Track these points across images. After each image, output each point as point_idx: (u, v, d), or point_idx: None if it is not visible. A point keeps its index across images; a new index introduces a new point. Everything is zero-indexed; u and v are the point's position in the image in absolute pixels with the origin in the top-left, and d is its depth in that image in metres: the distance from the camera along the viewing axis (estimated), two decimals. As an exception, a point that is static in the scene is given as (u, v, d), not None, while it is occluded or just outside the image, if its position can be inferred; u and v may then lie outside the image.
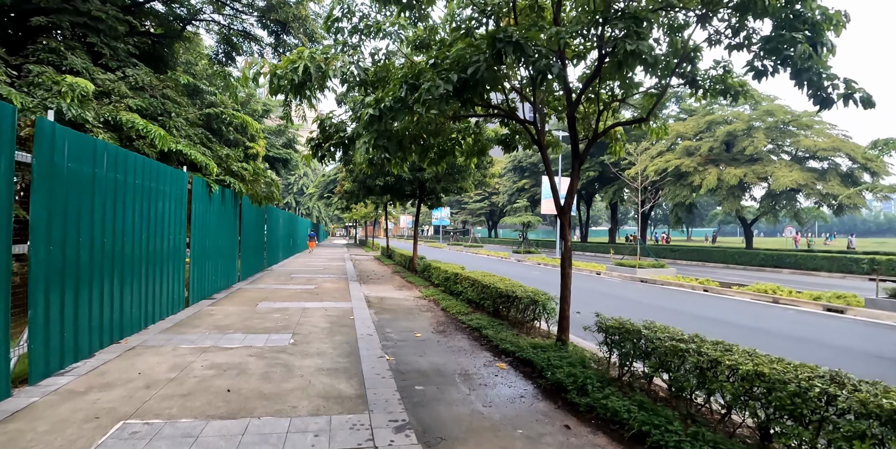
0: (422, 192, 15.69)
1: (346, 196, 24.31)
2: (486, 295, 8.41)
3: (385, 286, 12.65)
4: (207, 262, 9.33)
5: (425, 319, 8.17)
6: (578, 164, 5.86)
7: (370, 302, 9.73)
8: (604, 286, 15.13)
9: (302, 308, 8.48)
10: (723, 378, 3.52)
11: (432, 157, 7.14)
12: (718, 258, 26.04)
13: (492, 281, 8.53)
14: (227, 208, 10.77)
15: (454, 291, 10.33)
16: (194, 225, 8.56)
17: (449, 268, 11.47)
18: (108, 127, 8.43)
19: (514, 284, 8.07)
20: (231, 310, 8.12)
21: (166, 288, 7.25)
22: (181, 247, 7.84)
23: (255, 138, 20.87)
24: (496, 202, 54.27)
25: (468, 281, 9.52)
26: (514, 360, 5.60)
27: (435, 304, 9.78)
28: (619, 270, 18.38)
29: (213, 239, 9.64)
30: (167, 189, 7.22)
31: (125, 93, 8.98)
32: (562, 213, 5.87)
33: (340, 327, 6.97)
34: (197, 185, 8.64)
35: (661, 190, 29.40)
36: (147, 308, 6.57)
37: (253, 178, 11.47)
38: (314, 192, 44.27)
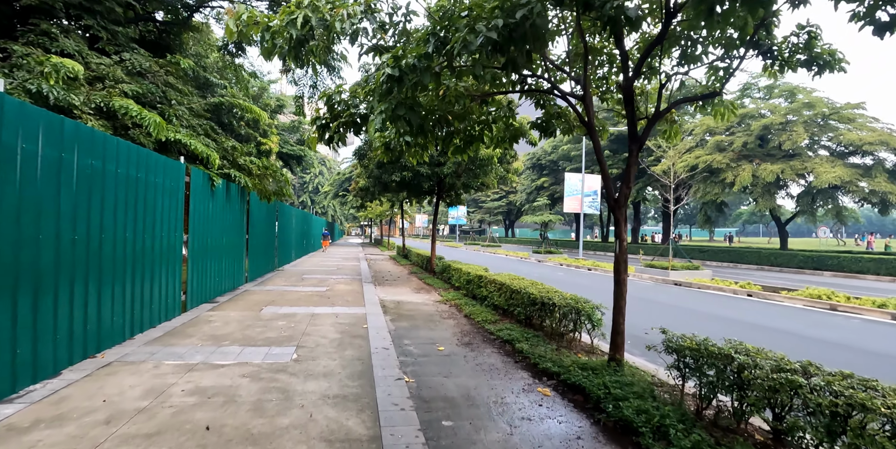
0: (440, 188, 14.79)
1: (361, 193, 23.58)
2: (517, 301, 7.46)
3: (401, 288, 11.78)
4: (209, 262, 8.55)
5: (448, 327, 7.25)
6: (637, 148, 4.89)
7: (386, 307, 8.85)
8: (636, 289, 14.04)
9: (311, 314, 7.63)
10: (875, 432, 2.53)
11: (457, 143, 6.23)
12: (751, 259, 24.64)
13: (522, 285, 7.58)
14: (233, 204, 9.99)
15: (478, 295, 9.39)
16: (194, 221, 7.77)
17: (471, 269, 10.53)
18: (100, 114, 7.69)
19: (549, 290, 7.11)
20: (232, 316, 7.31)
21: (158, 292, 6.45)
22: (177, 246, 7.04)
23: (268, 134, 20.23)
24: (513, 201, 53.15)
25: (494, 285, 8.57)
26: (559, 383, 4.65)
27: (457, 309, 8.86)
28: (650, 271, 17.24)
29: (215, 237, 8.86)
30: (159, 181, 6.41)
31: (121, 78, 8.24)
32: (615, 207, 4.90)
33: (352, 338, 6.09)
34: (196, 178, 7.85)
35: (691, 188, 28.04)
36: (133, 315, 5.76)
37: (261, 173, 10.69)
38: (329, 190, 43.75)
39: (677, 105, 4.98)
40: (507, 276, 8.96)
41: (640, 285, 15.28)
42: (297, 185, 61.07)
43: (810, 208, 23.40)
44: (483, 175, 13.66)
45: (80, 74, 7.22)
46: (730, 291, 13.75)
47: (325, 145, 4.71)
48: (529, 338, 6.20)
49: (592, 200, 25.11)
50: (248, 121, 19.01)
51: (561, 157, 38.54)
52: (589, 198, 24.95)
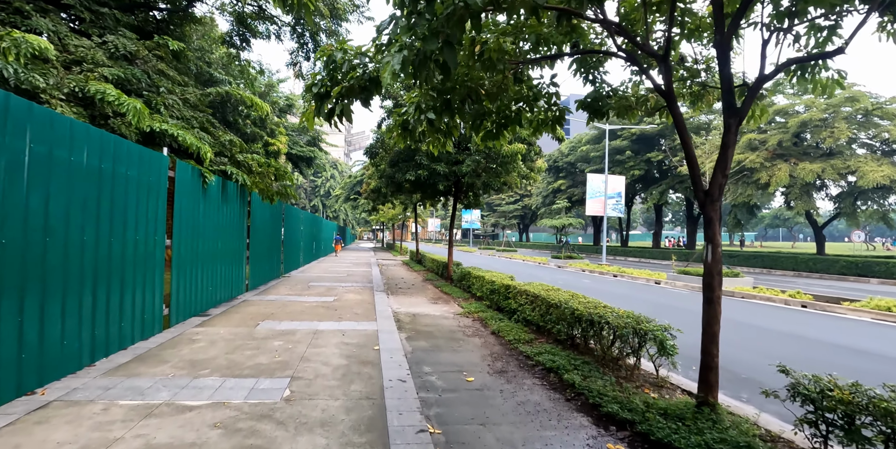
0: (457, 188, 13.67)
1: (373, 196, 22.56)
2: (556, 317, 6.28)
3: (417, 298, 10.65)
4: (200, 270, 7.51)
5: (474, 348, 6.10)
6: (737, 122, 3.71)
7: (400, 321, 7.73)
8: (672, 299, 12.75)
9: (313, 331, 6.53)
10: None
11: (489, 127, 5.12)
12: (787, 265, 23.10)
13: (560, 298, 6.41)
14: (231, 205, 8.97)
15: (504, 307, 8.23)
16: (180, 223, 6.74)
17: (495, 278, 9.37)
18: (74, 100, 6.72)
19: (595, 304, 5.94)
20: (221, 334, 6.24)
21: (131, 306, 5.40)
22: (157, 251, 6.00)
23: (276, 133, 19.33)
24: (528, 205, 51.84)
25: (525, 296, 7.41)
26: (635, 437, 3.47)
27: (482, 324, 7.70)
28: (684, 278, 15.90)
29: (208, 241, 7.83)
30: (133, 174, 5.38)
31: (101, 61, 7.27)
32: (707, 202, 3.72)
33: (361, 365, 4.97)
34: (184, 174, 6.83)
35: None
36: (95, 336, 4.71)
37: (262, 171, 9.66)
38: (340, 193, 42.93)
39: (788, 66, 3.80)
40: (538, 286, 7.80)
41: (676, 294, 13.97)
42: (309, 188, 60.51)
43: (852, 210, 21.82)
44: (505, 174, 12.51)
45: (49, 53, 6.25)
46: (780, 301, 12.40)
47: (326, 121, 3.62)
48: (578, 365, 5.03)
49: (616, 203, 23.76)
50: (255, 119, 18.15)
51: (579, 159, 37.21)
52: (612, 200, 23.62)
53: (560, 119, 5.18)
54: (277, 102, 19.54)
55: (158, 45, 8.29)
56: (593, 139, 36.00)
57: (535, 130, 5.30)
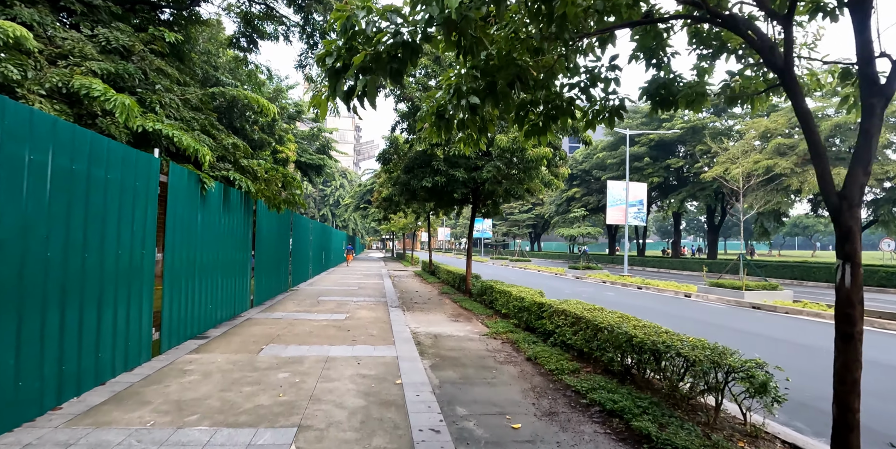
0: (476, 196, 12.84)
1: (384, 205, 21.78)
2: (606, 343, 5.37)
3: (435, 315, 9.76)
4: (197, 285, 6.71)
5: (511, 380, 5.20)
6: (883, 104, 2.83)
7: (421, 344, 6.85)
8: (709, 314, 11.73)
9: (324, 359, 5.67)
10: None
11: (534, 120, 4.27)
12: (819, 276, 21.87)
13: (610, 320, 5.51)
14: (234, 214, 8.20)
15: (538, 328, 7.32)
16: (174, 233, 5.96)
17: (524, 293, 8.47)
18: (59, 96, 6.00)
19: (657, 329, 5.04)
20: (218, 362, 5.40)
21: (110, 331, 4.58)
22: (144, 266, 5.20)
23: (284, 140, 18.69)
24: (541, 213, 50.87)
25: (564, 317, 6.50)
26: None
27: (513, 348, 6.80)
28: (718, 291, 14.85)
29: (207, 253, 7.04)
30: (114, 177, 4.60)
31: (90, 54, 6.57)
32: (844, 208, 2.82)
33: (382, 409, 4.09)
34: (178, 178, 6.06)
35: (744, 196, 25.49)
36: (62, 372, 3.89)
37: (269, 177, 8.91)
38: (350, 202, 42.34)
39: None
40: (576, 304, 6.90)
41: (710, 309, 12.94)
42: (318, 198, 60.10)
43: (891, 217, 20.65)
44: (528, 180, 11.66)
45: (29, 43, 5.56)
46: (829, 317, 11.32)
47: (344, 102, 2.79)
48: (646, 407, 4.11)
49: (638, 211, 22.77)
50: (263, 125, 17.55)
51: (594, 166, 36.27)
52: (634, 208, 22.63)
53: (619, 110, 4.32)
54: (286, 108, 18.92)
55: (154, 38, 7.59)
56: (610, 146, 35.09)
57: (589, 124, 4.44)
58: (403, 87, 11.17)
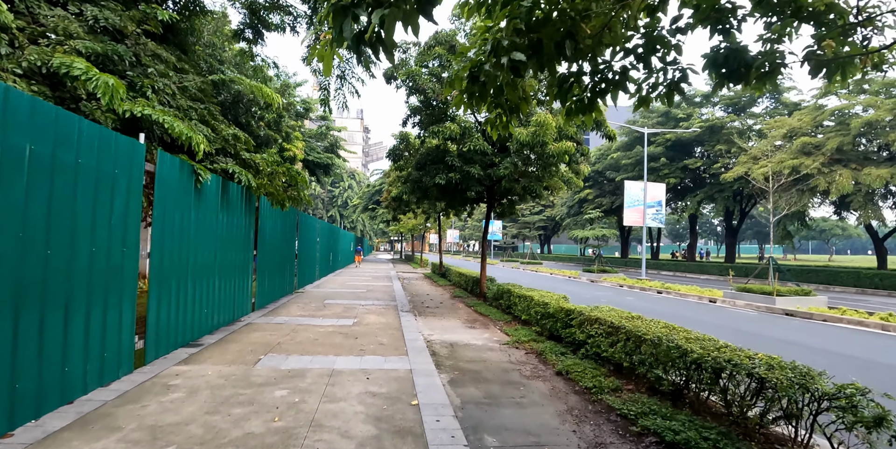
0: (491, 195, 12.14)
1: (394, 204, 21.17)
2: (654, 358, 4.65)
3: (449, 321, 9.08)
4: (190, 288, 6.08)
5: (543, 399, 4.50)
6: None
7: (436, 354, 6.17)
8: (741, 322, 10.94)
9: (328, 373, 5.00)
10: None
11: (578, 95, 3.60)
12: (847, 281, 20.89)
13: (655, 331, 4.80)
14: (234, 210, 7.59)
15: (565, 337, 6.60)
16: (161, 230, 5.33)
17: (547, 298, 7.76)
18: (39, 77, 5.41)
19: (715, 343, 4.32)
20: (209, 376, 4.75)
21: (81, 341, 3.95)
22: (126, 266, 4.57)
23: (291, 137, 18.14)
24: (551, 215, 50.01)
25: (599, 326, 5.78)
26: None
27: (539, 360, 6.10)
28: (746, 297, 14.01)
29: (202, 253, 6.42)
30: (86, 163, 3.98)
31: (75, 32, 5.98)
32: None
33: (397, 439, 3.41)
34: (168, 168, 5.44)
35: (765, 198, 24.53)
36: (15, 391, 3.26)
37: (271, 171, 8.28)
38: (358, 203, 41.85)
39: None
40: (609, 311, 6.19)
41: (742, 315, 12.14)
42: (326, 199, 59.72)
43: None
44: (548, 178, 10.96)
45: (2, 15, 4.97)
46: (874, 325, 10.49)
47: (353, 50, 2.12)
48: (716, 440, 3.40)
49: (657, 212, 21.91)
50: (269, 122, 17.02)
51: (608, 167, 35.40)
52: (652, 209, 21.77)
53: (680, 83, 3.63)
54: (293, 105, 18.37)
55: (146, 17, 6.99)
56: (624, 146, 34.21)
57: (643, 100, 3.75)
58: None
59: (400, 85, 10.78)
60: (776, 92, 28.60)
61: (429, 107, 11.61)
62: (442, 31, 10.71)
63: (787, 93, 28.79)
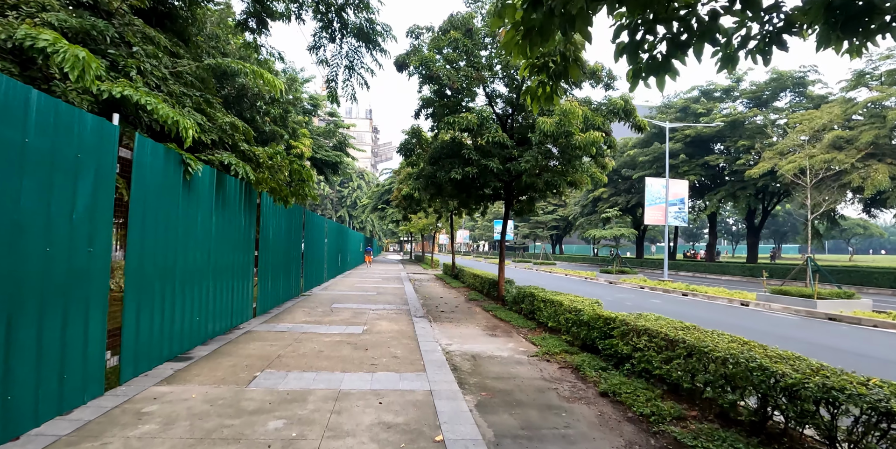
0: (509, 191, 11.34)
1: (405, 203, 20.46)
2: (721, 378, 3.84)
3: (468, 327, 8.30)
4: (179, 293, 5.36)
5: (593, 431, 3.70)
6: None
7: (459, 369, 5.39)
8: (784, 328, 10.02)
9: (334, 395, 4.24)
10: None
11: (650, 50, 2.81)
12: (883, 282, 19.78)
13: (726, 346, 3.99)
14: (232, 207, 6.88)
15: (604, 349, 5.78)
16: (142, 227, 4.61)
17: (578, 304, 6.93)
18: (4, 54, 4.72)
19: (808, 364, 3.49)
20: (192, 400, 4.00)
21: (32, 361, 3.23)
22: (94, 268, 3.85)
23: (298, 134, 17.48)
24: (564, 215, 49.01)
25: (648, 338, 4.96)
26: None
27: (577, 376, 5.30)
28: (783, 300, 13.05)
29: (195, 253, 5.70)
30: (41, 145, 3.26)
31: (48, 4, 5.29)
32: None
33: (419, 492, 2.63)
34: (150, 156, 4.72)
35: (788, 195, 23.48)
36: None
37: (273, 165, 7.56)
38: (368, 203, 41.24)
39: None
40: (657, 319, 5.38)
41: (782, 320, 11.21)
42: (336, 199, 59.28)
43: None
44: (572, 172, 10.13)
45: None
46: (934, 332, 9.53)
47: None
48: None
49: (679, 210, 20.91)
50: (275, 117, 16.35)
51: (623, 165, 34.38)
52: (675, 207, 20.79)
53: (782, 35, 2.82)
54: (300, 99, 17.69)
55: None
56: (641, 143, 33.18)
57: (728, 59, 2.93)
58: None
59: (412, 72, 10.02)
60: (801, 84, 27.46)
61: (443, 97, 10.85)
62: (457, 15, 9.93)
63: (811, 86, 27.62)
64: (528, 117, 11.49)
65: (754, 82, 29.00)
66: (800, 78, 27.28)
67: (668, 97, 33.62)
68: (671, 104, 31.68)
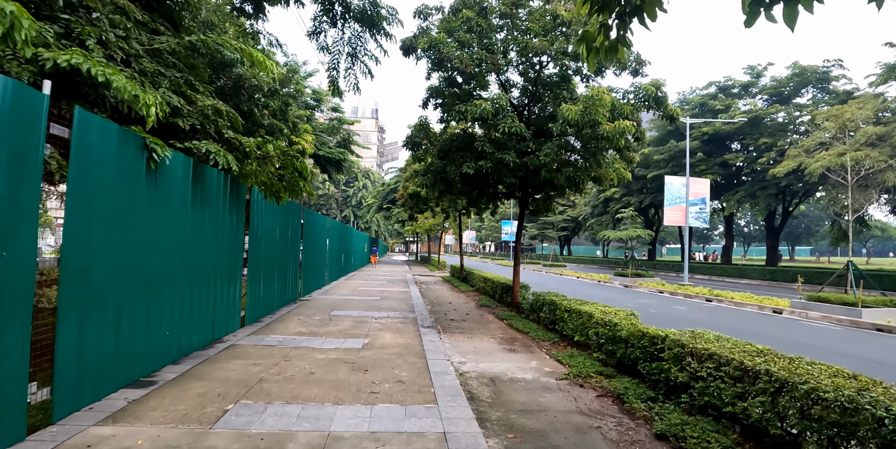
0: (525, 187, 10.38)
1: (410, 202, 19.56)
2: (834, 429, 2.87)
3: (482, 340, 7.36)
4: (142, 302, 4.46)
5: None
6: None
7: (476, 398, 4.45)
8: (830, 341, 9.00)
9: (321, 439, 3.31)
10: None
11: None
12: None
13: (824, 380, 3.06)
14: (213, 201, 5.99)
15: (650, 373, 4.82)
16: (86, 219, 3.71)
17: (612, 316, 5.97)
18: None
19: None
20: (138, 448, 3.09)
21: None
22: (10, 276, 2.95)
23: (298, 128, 16.60)
24: (573, 216, 47.90)
25: (714, 365, 3.99)
26: None
27: (620, 408, 4.34)
28: (821, 308, 12.00)
29: (164, 253, 4.81)
30: None
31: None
32: None
33: None
34: (99, 136, 3.82)
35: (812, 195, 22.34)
36: None
37: (261, 155, 6.65)
38: (373, 202, 40.41)
39: None
40: (718, 339, 4.42)
41: (824, 331, 10.18)
42: (340, 199, 58.54)
43: None
44: (596, 167, 9.16)
45: None
46: None
47: None
48: None
49: (700, 210, 19.84)
50: (275, 110, 15.47)
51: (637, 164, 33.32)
52: (696, 207, 19.72)
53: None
54: (301, 92, 16.81)
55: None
56: (655, 140, 32.08)
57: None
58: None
59: (420, 56, 9.10)
60: (825, 80, 26.29)
61: (453, 85, 9.93)
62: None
63: (835, 81, 26.43)
64: (545, 108, 10.54)
65: (775, 78, 27.82)
66: (823, 73, 26.10)
67: (684, 93, 32.47)
68: (687, 100, 30.55)
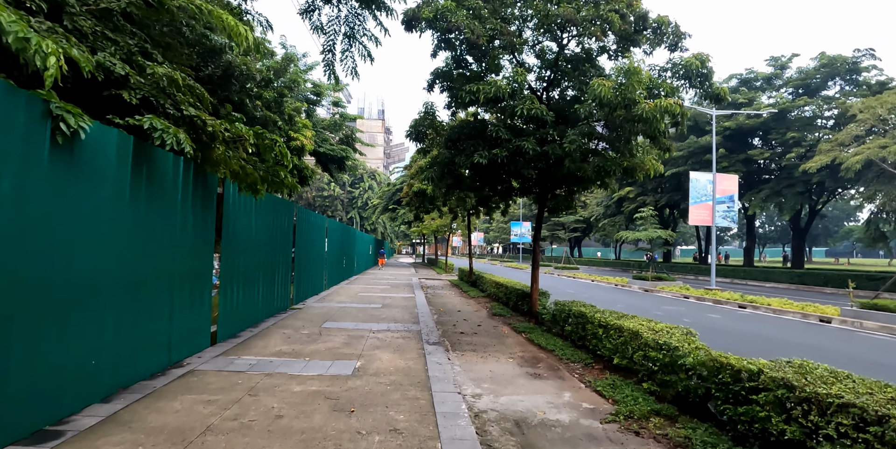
0: (543, 181, 9.11)
1: (416, 201, 18.36)
2: None
3: (498, 361, 6.12)
4: (46, 320, 3.27)
5: None
6: None
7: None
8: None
9: None
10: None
11: None
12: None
13: None
14: (167, 192, 4.82)
15: (733, 416, 3.54)
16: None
17: (661, 336, 4.71)
18: None
19: None
20: None
21: None
22: None
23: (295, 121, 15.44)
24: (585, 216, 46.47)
25: (859, 422, 2.72)
26: None
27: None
28: (876, 316, 10.63)
29: (89, 255, 3.63)
30: None
31: None
32: None
33: None
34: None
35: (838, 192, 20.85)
36: None
37: (231, 138, 5.46)
38: (378, 203, 39.28)
39: None
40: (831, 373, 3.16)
41: (884, 343, 8.82)
42: (346, 200, 57.55)
43: None
44: (629, 155, 7.90)
45: None
46: None
47: None
48: None
49: (728, 209, 18.44)
50: (269, 102, 14.34)
51: (652, 161, 31.92)
52: (723, 205, 18.33)
53: None
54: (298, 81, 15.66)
55: None
56: (674, 136, 30.71)
57: None
58: None
59: (424, 28, 7.89)
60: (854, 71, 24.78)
61: (461, 65, 8.72)
62: (483, -45, 7.80)
63: (866, 72, 24.91)
64: (566, 92, 9.30)
65: (801, 69, 26.35)
66: (853, 63, 24.59)
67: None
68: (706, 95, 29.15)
